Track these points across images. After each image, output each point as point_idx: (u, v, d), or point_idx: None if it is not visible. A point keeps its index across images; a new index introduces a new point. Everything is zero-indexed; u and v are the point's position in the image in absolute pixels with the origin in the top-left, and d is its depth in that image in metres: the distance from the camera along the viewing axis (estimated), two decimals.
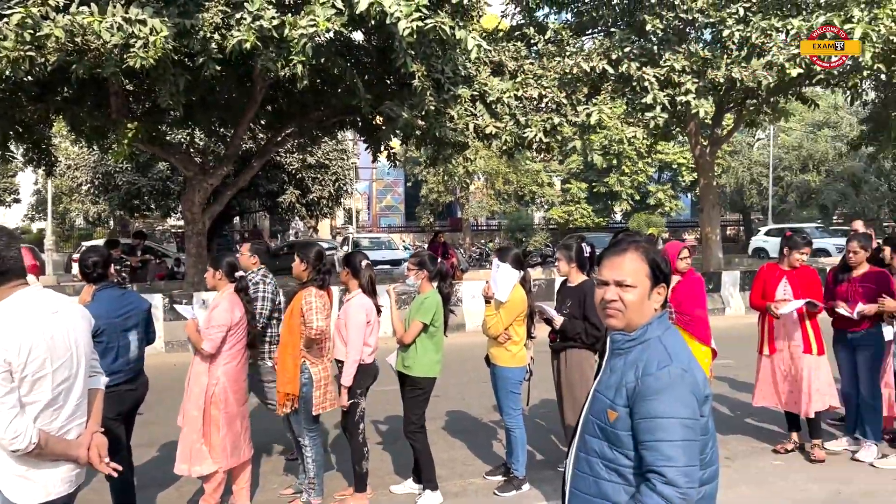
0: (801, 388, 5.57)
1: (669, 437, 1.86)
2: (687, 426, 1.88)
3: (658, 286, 2.07)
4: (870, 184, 32.49)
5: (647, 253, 2.06)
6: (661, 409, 1.89)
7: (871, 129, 19.04)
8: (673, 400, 1.89)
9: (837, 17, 11.00)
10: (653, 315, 2.07)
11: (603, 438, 2.02)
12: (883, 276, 5.65)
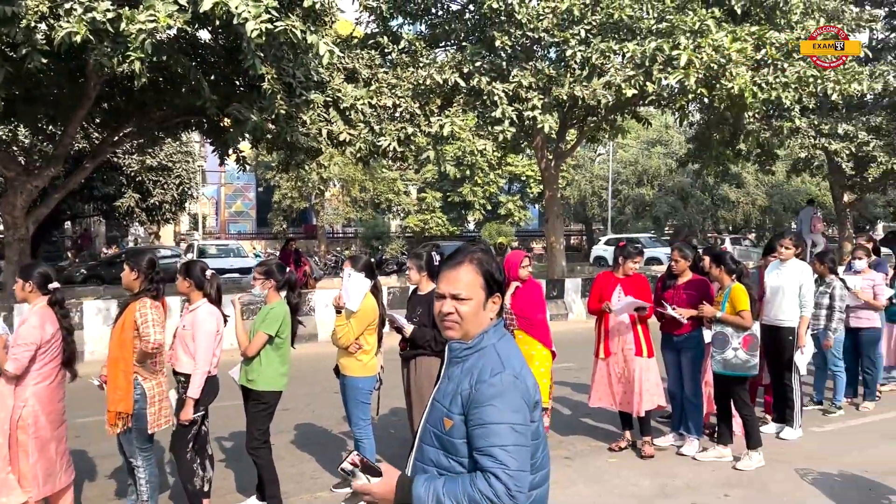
0: (633, 389, 5.95)
1: (502, 443, 1.90)
2: (518, 431, 1.93)
3: (493, 296, 2.12)
4: (696, 198, 35.46)
5: (482, 265, 2.10)
6: (494, 415, 1.93)
7: (697, 148, 20.82)
8: (505, 406, 1.93)
9: (667, 44, 11.93)
10: (489, 323, 2.11)
11: (439, 447, 2.03)
12: (703, 284, 6.17)
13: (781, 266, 6.70)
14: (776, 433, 6.62)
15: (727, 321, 5.73)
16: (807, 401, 7.52)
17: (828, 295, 7.25)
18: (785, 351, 6.59)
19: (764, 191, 35.93)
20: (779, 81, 12.28)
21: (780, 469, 5.70)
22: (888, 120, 17.65)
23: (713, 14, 12.46)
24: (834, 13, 16.08)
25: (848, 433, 6.78)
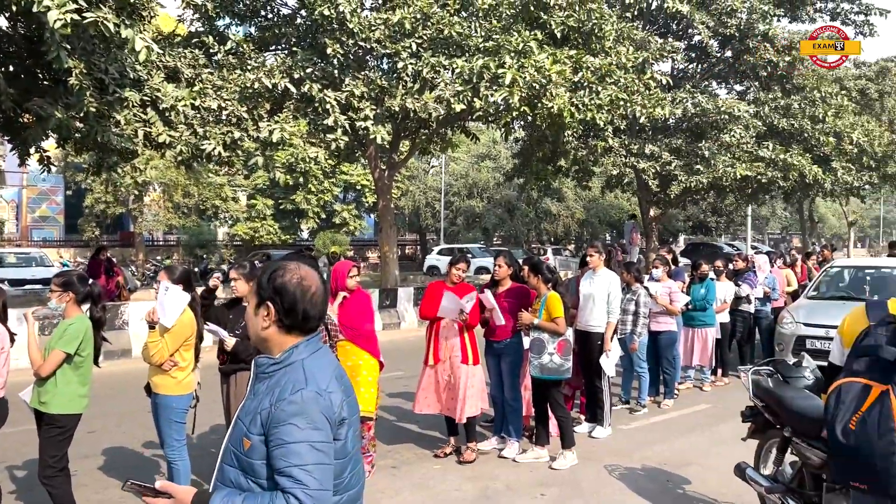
0: (458, 395, 6.08)
1: (301, 462, 1.82)
2: (319, 450, 1.86)
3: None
4: (521, 210, 37.27)
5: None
6: (293, 434, 1.85)
7: (521, 163, 21.89)
8: (305, 424, 1.86)
9: (493, 62, 12.44)
10: (273, 333, 2.04)
11: (238, 468, 1.93)
12: (523, 292, 6.45)
13: (593, 275, 7.18)
14: (588, 432, 7.06)
15: (543, 328, 6.04)
16: (615, 400, 8.10)
17: (633, 302, 7.85)
18: (595, 355, 7.05)
19: (582, 205, 38.47)
20: (594, 103, 13.21)
21: (592, 466, 6.08)
22: (687, 142, 19.58)
23: (536, 36, 13.17)
24: (642, 42, 17.59)
25: (651, 429, 7.37)
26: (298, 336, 2.05)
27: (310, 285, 2.06)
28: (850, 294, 10.37)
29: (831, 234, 60.95)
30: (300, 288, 2.04)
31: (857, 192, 27.22)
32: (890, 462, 2.68)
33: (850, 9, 20.58)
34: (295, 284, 2.04)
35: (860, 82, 27.09)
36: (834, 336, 3.26)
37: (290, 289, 2.03)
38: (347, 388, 2.08)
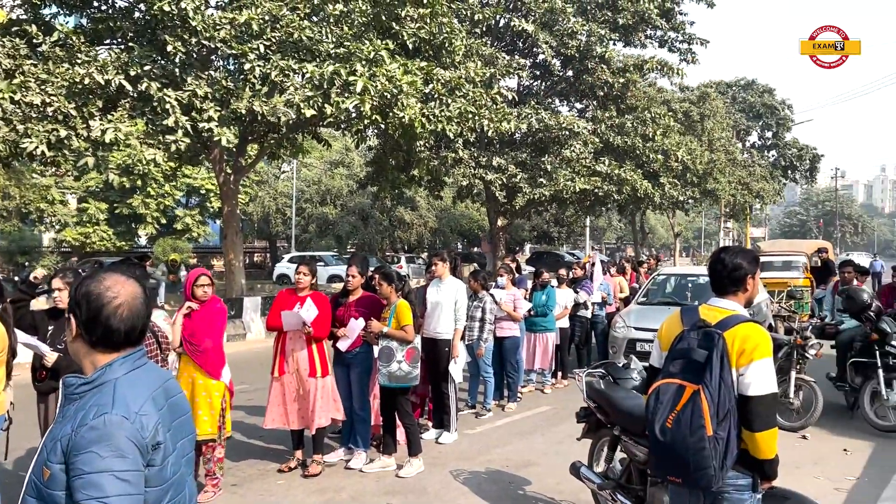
0: (307, 407, 5.93)
1: (102, 494, 1.66)
2: (123, 480, 1.70)
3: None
4: (375, 218, 37.25)
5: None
6: (94, 463, 1.68)
7: (375, 171, 21.89)
8: (107, 452, 1.70)
9: (344, 69, 12.35)
10: (106, 357, 1.87)
11: (39, 499, 1.75)
12: (373, 301, 6.43)
13: (440, 283, 7.30)
14: (435, 439, 7.15)
15: (393, 336, 6.05)
16: (462, 405, 8.28)
17: (480, 308, 8.07)
18: (442, 361, 7.17)
19: (434, 214, 39.09)
20: (444, 115, 13.47)
21: (438, 472, 6.15)
22: (531, 156, 20.46)
23: (387, 46, 13.23)
24: (490, 58, 18.21)
25: (495, 432, 7.59)
26: (110, 352, 1.88)
27: (115, 296, 1.87)
28: (674, 300, 11.27)
29: (660, 244, 66.05)
30: (102, 298, 1.86)
31: (682, 206, 29.69)
32: (700, 456, 2.91)
33: (675, 37, 22.43)
34: (97, 295, 1.86)
35: (684, 105, 29.60)
36: (654, 340, 3.50)
37: (92, 299, 1.86)
38: (175, 407, 1.93)
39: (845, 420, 8.02)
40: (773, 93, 43.26)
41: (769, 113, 42.70)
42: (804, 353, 7.78)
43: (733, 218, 42.74)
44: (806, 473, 6.18)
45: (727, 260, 3.23)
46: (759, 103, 42.46)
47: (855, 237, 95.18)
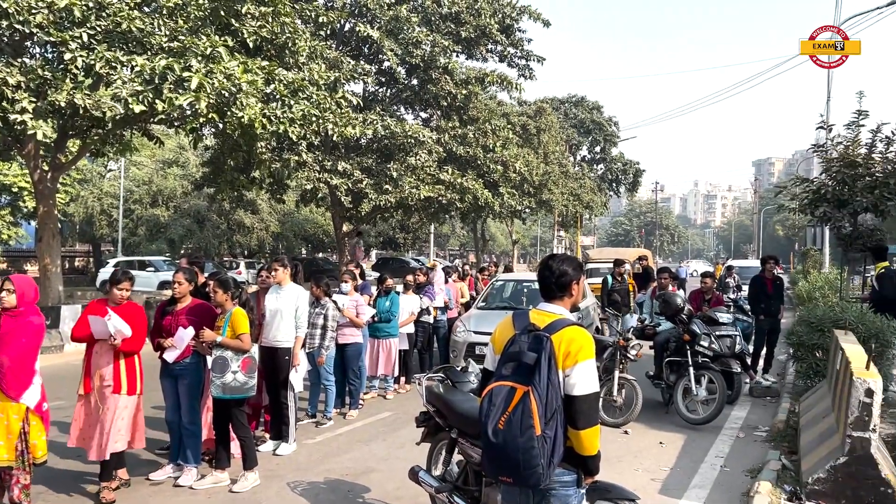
0: (104, 430, 5.48)
1: None
2: None
3: None
4: (212, 221, 35.62)
5: None
6: None
7: (212, 172, 20.89)
8: None
9: (178, 63, 11.69)
10: None
11: None
12: (205, 309, 6.11)
13: (279, 290, 7.10)
14: (273, 450, 6.93)
15: (227, 345, 5.79)
16: (302, 415, 8.09)
17: (322, 315, 7.93)
18: (282, 370, 6.97)
19: (277, 218, 38.05)
20: (286, 116, 13.13)
21: (275, 484, 5.96)
22: (377, 162, 20.49)
23: (226, 42, 12.70)
24: (335, 62, 18.02)
25: (335, 441, 7.47)
26: None
27: None
28: (511, 304, 11.74)
29: (500, 251, 68.60)
30: None
31: (520, 215, 31.02)
32: (529, 455, 3.02)
33: (515, 53, 23.41)
34: None
35: (522, 119, 30.97)
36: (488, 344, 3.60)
37: None
38: None
39: (661, 415, 8.71)
40: (601, 110, 46.40)
41: (598, 129, 45.74)
42: (626, 353, 8.37)
43: (566, 227, 45.24)
44: (626, 466, 6.64)
45: (554, 267, 3.39)
46: (589, 119, 45.38)
47: (672, 246, 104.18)
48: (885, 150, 10.84)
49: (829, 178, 11.26)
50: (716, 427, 8.11)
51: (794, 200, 12.53)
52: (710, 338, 8.71)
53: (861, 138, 11.11)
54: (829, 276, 18.74)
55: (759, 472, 6.15)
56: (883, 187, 10.64)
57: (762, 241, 72.68)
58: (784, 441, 7.38)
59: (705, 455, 7.08)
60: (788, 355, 10.24)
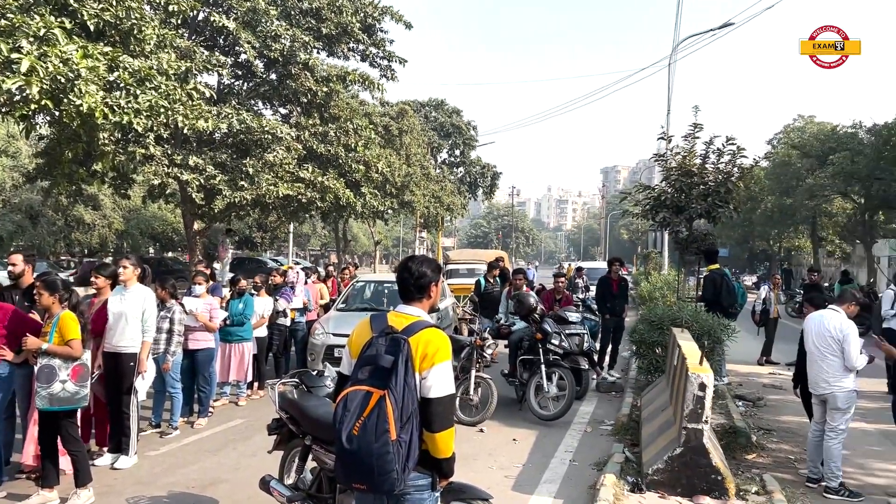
0: None
1: None
2: None
3: None
4: (47, 217, 32.78)
5: None
6: None
7: (47, 164, 19.19)
8: None
9: (5, 44, 10.59)
10: None
11: None
12: (17, 316, 5.59)
13: (124, 291, 6.61)
14: (111, 464, 6.43)
15: (55, 353, 5.28)
16: (145, 425, 7.58)
17: (168, 319, 7.46)
18: (125, 378, 6.49)
19: (121, 214, 35.66)
20: (131, 107, 12.26)
21: (112, 501, 5.52)
22: (232, 158, 19.65)
23: (63, 24, 11.67)
24: (186, 51, 17.08)
25: (181, 452, 7.05)
26: None
27: None
28: (371, 305, 11.65)
29: (362, 251, 68.23)
30: None
31: (382, 216, 30.96)
32: (384, 461, 2.96)
33: (377, 53, 23.28)
34: None
35: (385, 119, 30.95)
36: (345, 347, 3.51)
37: None
38: None
39: (515, 412, 8.95)
40: (461, 114, 47.34)
41: (457, 132, 46.61)
42: (483, 353, 8.53)
43: (428, 228, 45.76)
44: (481, 465, 6.75)
45: (413, 268, 3.36)
46: (449, 123, 46.15)
47: (527, 248, 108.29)
48: (717, 161, 11.77)
49: (668, 186, 12.06)
50: (566, 422, 8.45)
51: (637, 206, 13.33)
52: (561, 336, 9.07)
53: (696, 149, 11.99)
54: (667, 278, 20.15)
55: (605, 465, 6.45)
56: (715, 195, 11.55)
57: (609, 244, 77.21)
58: (627, 434, 7.81)
59: (556, 450, 7.34)
60: (631, 352, 10.88)
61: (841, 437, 6.30)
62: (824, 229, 37.78)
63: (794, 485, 6.44)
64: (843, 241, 38.71)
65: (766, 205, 37.03)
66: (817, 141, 32.86)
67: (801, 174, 32.71)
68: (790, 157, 34.41)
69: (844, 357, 6.23)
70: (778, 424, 8.86)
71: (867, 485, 6.54)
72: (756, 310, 14.63)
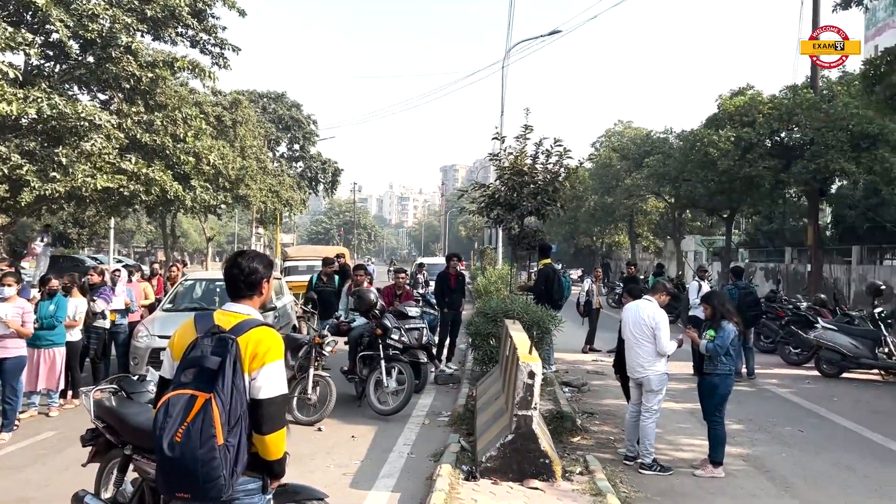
0: None
1: None
2: None
3: None
4: None
5: None
6: None
7: None
8: None
9: None
10: None
11: None
12: None
13: None
14: None
15: None
16: None
17: None
18: None
19: None
20: None
21: None
22: (42, 146, 17.89)
23: None
24: None
25: None
26: None
27: None
28: (202, 305, 11.08)
29: (194, 249, 64.87)
30: None
31: (214, 210, 29.62)
32: (210, 468, 2.81)
33: (208, 39, 22.17)
34: None
35: (217, 109, 29.58)
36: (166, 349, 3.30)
37: None
38: None
39: (355, 409, 8.90)
40: (301, 108, 46.34)
41: (297, 126, 45.58)
42: (322, 350, 8.39)
43: (265, 224, 44.36)
44: (319, 463, 6.65)
45: (244, 264, 3.24)
46: (288, 116, 45.01)
47: (369, 244, 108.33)
48: (546, 162, 12.39)
49: (502, 185, 12.53)
50: (404, 416, 8.53)
51: (473, 204, 13.72)
52: (401, 331, 9.14)
53: (527, 150, 12.55)
54: (501, 272, 20.95)
55: (441, 456, 6.58)
56: (544, 194, 12.15)
57: (448, 241, 79.07)
58: (463, 424, 8.02)
59: (394, 444, 7.39)
60: (468, 344, 11.19)
61: (655, 416, 6.87)
62: (640, 226, 41.00)
63: (614, 463, 6.93)
64: (657, 237, 42.23)
65: (589, 203, 39.54)
66: (634, 145, 35.59)
67: (620, 175, 35.24)
68: (611, 159, 36.98)
69: (657, 343, 6.78)
70: (600, 408, 9.49)
71: (676, 459, 7.16)
72: (580, 301, 15.59)
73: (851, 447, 7.76)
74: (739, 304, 11.48)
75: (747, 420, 8.90)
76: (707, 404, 6.78)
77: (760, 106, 20.90)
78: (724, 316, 6.75)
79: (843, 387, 11.42)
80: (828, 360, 12.32)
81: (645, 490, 6.23)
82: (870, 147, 18.38)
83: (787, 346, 13.73)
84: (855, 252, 22.26)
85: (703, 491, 6.26)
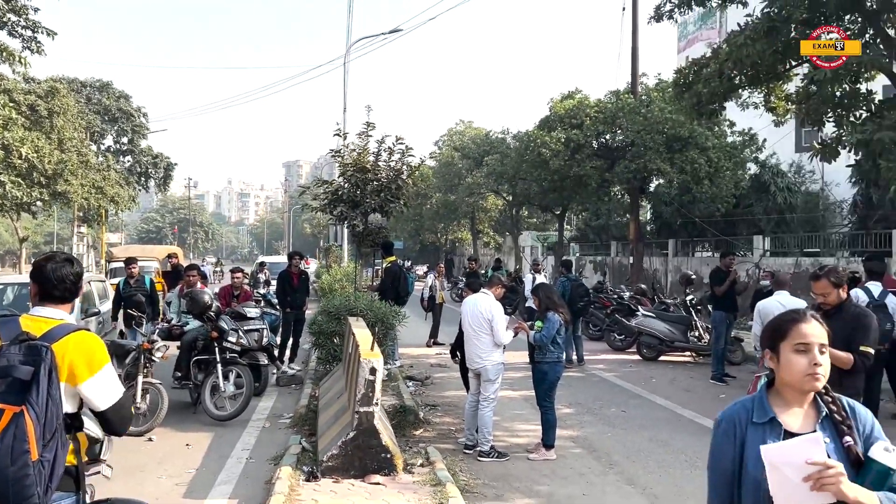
0: None
1: None
2: None
3: None
4: None
5: None
6: None
7: None
8: None
9: None
10: None
11: None
12: None
13: None
14: None
15: None
16: None
17: None
18: None
19: None
20: None
21: None
22: None
23: None
24: None
25: None
26: None
27: None
28: (12, 311, 10.08)
29: (4, 250, 58.76)
30: None
31: (29, 208, 27.05)
32: (22, 486, 2.59)
33: (17, 21, 20.19)
34: None
35: (30, 98, 27.04)
36: None
37: None
38: None
39: (189, 416, 8.51)
40: (130, 99, 43.34)
41: (125, 118, 42.59)
42: (151, 356, 7.95)
43: (88, 222, 41.06)
44: (149, 475, 6.30)
45: (54, 266, 3.03)
46: (116, 107, 41.95)
47: (206, 243, 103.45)
48: (388, 159, 12.48)
49: (345, 181, 12.46)
50: (244, 420, 8.27)
51: (316, 200, 13.55)
52: (239, 333, 8.85)
53: (370, 147, 12.57)
54: (347, 269, 20.85)
55: (282, 458, 6.46)
56: (387, 191, 12.23)
57: (292, 238, 77.35)
58: (305, 425, 7.91)
59: (232, 450, 7.15)
60: (311, 343, 11.04)
61: (492, 405, 7.16)
62: (481, 223, 42.42)
63: (454, 453, 7.15)
64: (497, 232, 43.88)
65: (433, 201, 40.32)
66: (475, 144, 36.71)
67: (461, 173, 36.21)
68: (453, 157, 37.89)
69: (493, 334, 7.08)
70: (442, 400, 9.74)
71: (512, 445, 7.51)
72: (424, 296, 15.88)
73: (667, 424, 8.52)
74: (571, 295, 12.24)
75: (577, 404, 9.50)
76: (539, 391, 7.17)
77: (588, 109, 22.32)
78: (549, 307, 7.17)
79: (660, 368, 12.49)
80: (647, 345, 13.44)
81: (483, 477, 6.48)
82: (682, 149, 20.23)
83: (613, 333, 14.81)
84: (671, 245, 24.42)
85: (536, 473, 6.62)
